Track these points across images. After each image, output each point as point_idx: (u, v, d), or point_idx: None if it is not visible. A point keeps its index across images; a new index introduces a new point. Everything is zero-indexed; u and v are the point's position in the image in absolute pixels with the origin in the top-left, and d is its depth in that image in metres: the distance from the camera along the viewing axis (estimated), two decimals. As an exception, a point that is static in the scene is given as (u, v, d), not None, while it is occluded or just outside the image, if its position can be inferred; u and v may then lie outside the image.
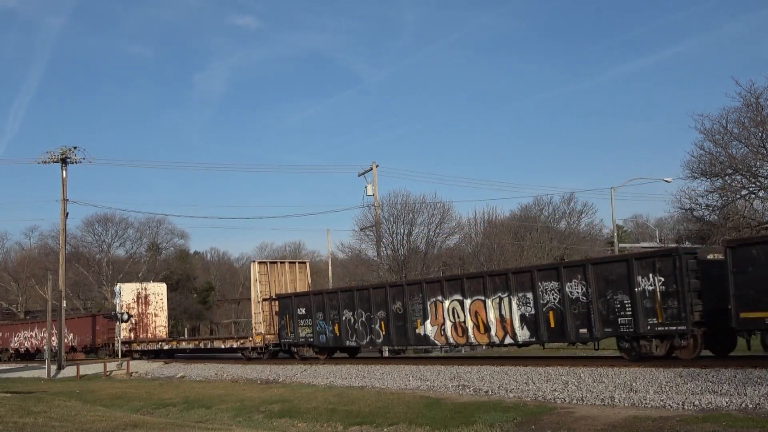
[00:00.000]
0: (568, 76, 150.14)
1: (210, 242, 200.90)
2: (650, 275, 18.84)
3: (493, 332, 22.69)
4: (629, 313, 19.17)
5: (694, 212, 36.56)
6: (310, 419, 16.64)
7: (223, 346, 35.54)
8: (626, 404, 14.22)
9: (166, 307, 42.53)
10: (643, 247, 58.44)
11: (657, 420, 12.25)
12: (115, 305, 40.09)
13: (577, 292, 20.48)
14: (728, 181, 34.22)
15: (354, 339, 27.84)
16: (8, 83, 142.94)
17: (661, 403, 13.79)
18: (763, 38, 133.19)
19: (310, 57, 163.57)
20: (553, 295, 21.14)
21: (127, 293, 41.44)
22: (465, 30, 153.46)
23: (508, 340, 22.46)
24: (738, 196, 34.37)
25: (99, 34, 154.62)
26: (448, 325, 24.12)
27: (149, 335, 41.78)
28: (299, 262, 36.79)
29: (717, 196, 34.78)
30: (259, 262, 34.76)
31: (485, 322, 22.91)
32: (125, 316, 39.49)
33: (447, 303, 24.20)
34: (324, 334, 29.05)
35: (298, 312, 30.24)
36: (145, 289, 43.20)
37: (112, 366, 35.67)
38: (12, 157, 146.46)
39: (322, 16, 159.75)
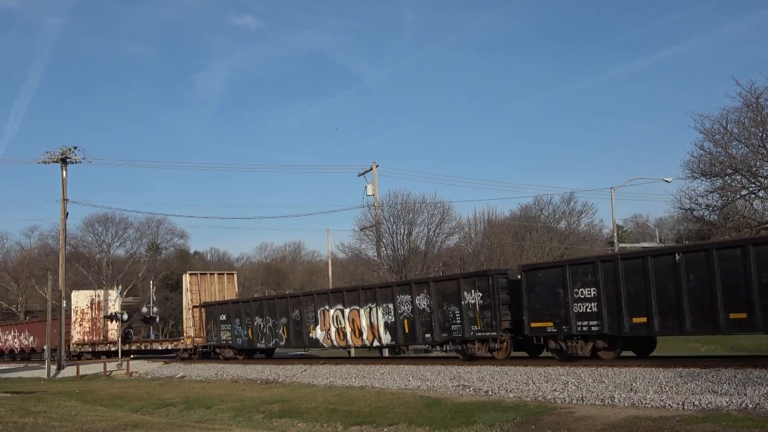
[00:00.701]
0: (568, 76, 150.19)
1: (210, 242, 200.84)
2: (473, 291, 23.09)
3: (365, 336, 26.81)
4: (459, 321, 23.34)
5: (694, 212, 36.57)
6: (310, 419, 16.64)
7: (160, 348, 39.93)
8: (626, 404, 14.22)
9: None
10: (642, 247, 58.45)
11: (657, 420, 12.25)
12: (68, 310, 42.68)
13: (424, 304, 24.62)
14: (728, 181, 34.21)
15: (263, 342, 31.92)
16: (8, 83, 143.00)
17: (661, 403, 13.79)
18: (763, 38, 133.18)
19: (310, 57, 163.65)
20: (407, 306, 25.26)
21: (81, 300, 43.99)
22: (465, 30, 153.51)
23: (375, 343, 26.71)
24: (738, 196, 34.37)
25: (99, 34, 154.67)
26: (333, 330, 28.25)
27: (102, 337, 44.14)
28: (227, 274, 40.79)
29: (717, 196, 34.78)
30: (190, 274, 38.69)
31: (359, 327, 27.04)
32: (125, 317, 39.61)
33: (332, 311, 28.31)
34: (240, 337, 33.07)
35: (221, 318, 34.21)
36: (99, 295, 45.42)
37: (112, 366, 35.68)
38: (12, 157, 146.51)
39: (322, 16, 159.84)
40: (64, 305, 41.46)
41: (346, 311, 27.76)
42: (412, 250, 45.25)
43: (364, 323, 26.86)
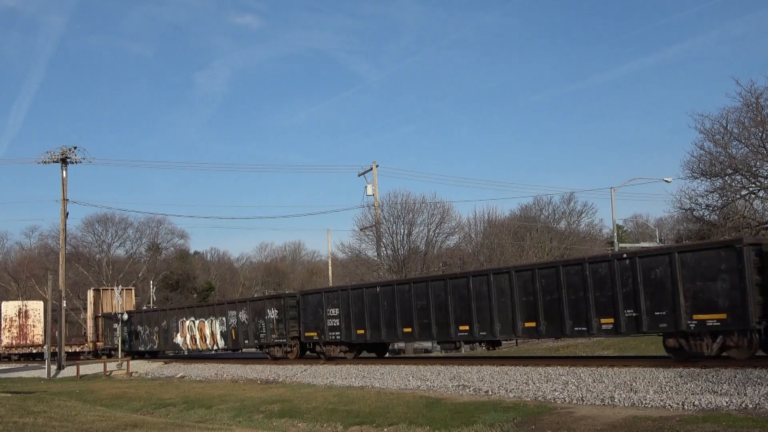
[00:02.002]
0: (568, 76, 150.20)
1: (210, 242, 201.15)
2: (272, 309, 30.64)
3: (208, 342, 34.80)
4: (264, 331, 31.18)
5: (694, 212, 36.56)
6: (310, 419, 16.64)
7: (69, 350, 45.43)
8: (626, 404, 14.22)
9: (42, 320, 50.29)
10: (642, 248, 58.47)
11: (657, 420, 12.25)
12: None
13: (244, 318, 32.52)
14: (728, 181, 34.19)
15: (143, 345, 40.09)
16: (9, 83, 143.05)
17: (661, 403, 13.79)
18: (763, 38, 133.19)
19: (311, 56, 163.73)
20: (233, 319, 33.20)
21: (10, 309, 49.67)
22: (466, 30, 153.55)
23: (215, 346, 34.50)
24: (738, 196, 34.35)
25: (100, 33, 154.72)
26: (188, 336, 36.25)
27: (28, 342, 49.99)
28: (126, 289, 48.17)
29: (717, 196, 34.77)
30: (94, 290, 47.97)
31: (205, 335, 35.14)
32: (125, 316, 39.68)
33: (187, 322, 36.47)
34: (128, 342, 40.74)
35: (114, 326, 41.91)
36: (26, 305, 50.87)
37: (112, 366, 35.70)
38: (12, 157, 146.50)
39: (323, 16, 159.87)
40: (64, 305, 41.47)
41: (197, 322, 35.99)
42: (412, 250, 45.24)
43: (207, 332, 34.99)
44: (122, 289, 44.49)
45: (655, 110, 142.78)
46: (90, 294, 47.24)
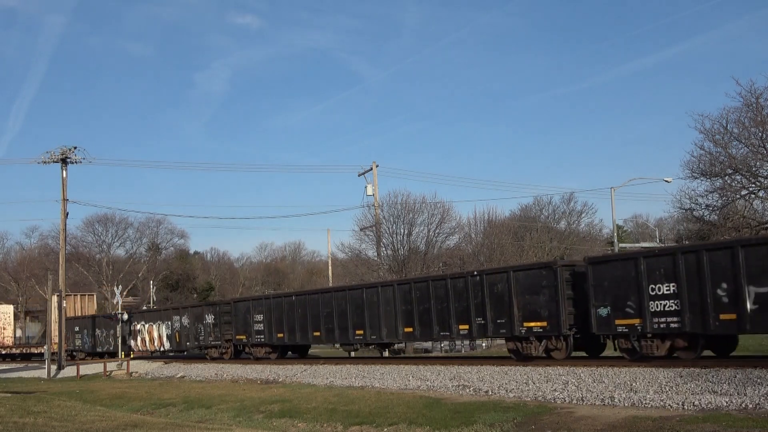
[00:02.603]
0: (568, 76, 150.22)
1: (210, 242, 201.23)
2: (210, 314, 34.62)
3: (156, 344, 38.54)
4: (203, 334, 34.94)
5: (694, 212, 36.54)
6: (310, 419, 16.63)
7: (36, 351, 49.65)
8: (626, 404, 14.22)
9: (12, 322, 55.12)
10: (642, 247, 58.42)
11: (657, 420, 12.24)
12: None
13: (186, 322, 36.18)
14: (728, 181, 34.17)
15: (100, 347, 43.65)
16: (9, 83, 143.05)
17: (661, 403, 13.78)
18: (763, 38, 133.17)
19: (311, 56, 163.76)
20: (178, 323, 36.80)
21: None
22: (466, 29, 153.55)
23: (162, 348, 38.39)
24: (738, 196, 34.33)
25: (100, 33, 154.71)
26: (140, 339, 40.03)
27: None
28: (88, 295, 54.00)
29: (717, 196, 34.74)
30: (57, 295, 49.69)
31: (153, 338, 38.84)
32: (125, 316, 39.68)
33: (138, 326, 40.22)
34: (87, 343, 44.96)
35: (75, 329, 46.46)
36: None
37: (112, 366, 35.70)
38: (12, 157, 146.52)
39: (324, 15, 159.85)
40: (64, 305, 41.46)
41: (146, 326, 39.67)
42: (412, 250, 45.23)
43: (155, 334, 38.59)
44: (86, 295, 51.25)
45: (654, 110, 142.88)
46: (53, 299, 50.29)
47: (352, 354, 32.65)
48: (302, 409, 17.75)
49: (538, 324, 21.04)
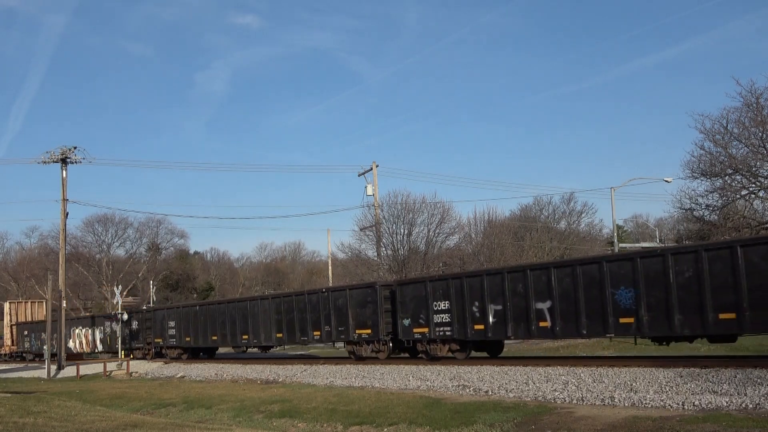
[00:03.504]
0: (568, 76, 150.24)
1: (210, 242, 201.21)
2: (135, 321, 40.49)
3: (91, 346, 43.94)
4: (129, 338, 40.49)
5: (694, 212, 36.53)
6: (310, 419, 16.63)
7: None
8: (626, 404, 14.22)
9: None
10: (642, 247, 58.40)
11: (657, 420, 12.24)
12: None
13: (116, 327, 40.80)
14: (728, 181, 34.15)
15: (45, 349, 47.11)
16: (9, 83, 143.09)
17: (661, 403, 13.78)
18: (763, 38, 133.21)
19: (312, 56, 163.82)
20: (109, 328, 42.00)
21: None
22: (467, 29, 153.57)
23: (96, 350, 43.70)
24: (738, 196, 34.31)
25: (100, 33, 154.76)
26: (77, 342, 45.36)
27: None
28: (38, 302, 57.03)
29: (717, 196, 34.73)
30: (10, 302, 56.68)
31: (89, 341, 44.40)
32: (125, 317, 39.69)
33: (77, 330, 45.62)
34: (34, 345, 49.07)
35: (24, 333, 51.54)
36: None
37: (112, 366, 35.70)
38: (12, 157, 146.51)
39: (324, 15, 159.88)
40: (64, 305, 41.46)
41: (83, 330, 45.11)
42: (412, 250, 45.20)
43: (90, 338, 44.34)
44: (36, 302, 55.70)
45: (655, 110, 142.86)
46: (6, 305, 56.00)
47: (246, 351, 37.07)
48: (302, 409, 17.75)
49: (366, 331, 26.77)
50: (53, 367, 37.26)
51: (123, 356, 38.05)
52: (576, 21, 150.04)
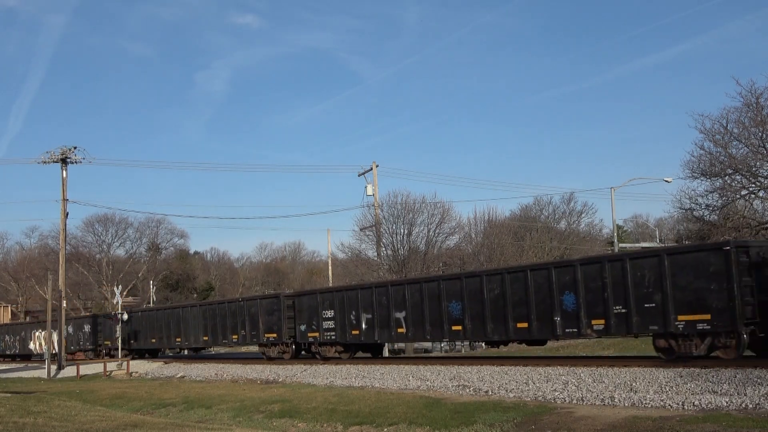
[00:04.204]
0: (568, 76, 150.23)
1: (210, 242, 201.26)
2: (87, 325, 44.22)
3: (48, 347, 42.56)
4: (82, 341, 44.60)
5: (694, 212, 36.47)
6: (310, 419, 16.63)
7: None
8: (626, 404, 14.22)
9: None
10: (642, 247, 58.42)
11: (657, 420, 12.24)
12: None
13: (72, 330, 45.30)
14: (728, 181, 34.11)
15: (9, 350, 51.57)
16: (10, 83, 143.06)
17: (661, 403, 13.78)
18: (763, 38, 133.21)
19: (312, 56, 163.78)
20: (66, 331, 42.65)
21: None
22: (467, 29, 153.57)
23: (54, 351, 41.64)
24: (738, 196, 34.27)
25: (100, 33, 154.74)
26: (37, 343, 47.27)
27: None
28: (3, 305, 61.56)
29: (717, 196, 34.67)
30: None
31: (47, 342, 43.78)
32: (125, 316, 39.67)
33: (37, 333, 47.44)
34: None
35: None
36: None
37: (112, 366, 35.70)
38: (12, 157, 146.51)
39: (324, 15, 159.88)
40: (64, 305, 41.47)
41: (43, 333, 46.28)
42: (412, 250, 45.18)
43: (47, 340, 46.06)
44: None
45: (655, 110, 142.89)
46: None
47: (186, 352, 41.67)
48: (302, 409, 17.75)
49: (273, 335, 31.01)
50: (53, 367, 37.25)
51: (121, 356, 38.00)
52: (576, 21, 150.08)
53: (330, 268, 65.75)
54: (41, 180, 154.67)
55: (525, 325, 21.43)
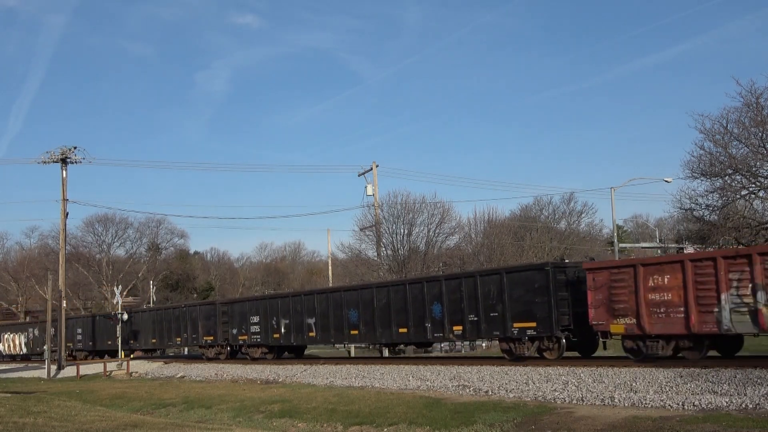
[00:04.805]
0: (569, 76, 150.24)
1: (210, 242, 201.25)
2: (52, 328, 41.32)
3: (17, 349, 49.86)
4: (42, 343, 43.19)
5: (694, 212, 36.42)
6: (310, 419, 16.63)
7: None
8: (626, 404, 14.21)
9: None
10: (642, 248, 58.42)
11: (657, 420, 12.24)
12: None
13: (37, 333, 47.41)
14: (728, 181, 34.07)
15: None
16: (10, 83, 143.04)
17: (661, 403, 13.78)
18: (764, 38, 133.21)
19: (312, 56, 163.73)
20: (32, 334, 48.37)
21: None
22: (467, 29, 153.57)
23: (22, 353, 50.03)
24: (738, 196, 34.22)
25: (100, 33, 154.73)
26: (7, 345, 51.22)
27: None
28: None
29: (717, 196, 34.61)
30: None
31: (15, 344, 50.78)
32: (125, 316, 39.68)
33: (5, 335, 51.77)
34: None
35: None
36: None
37: (112, 366, 35.69)
38: (12, 157, 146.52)
39: (324, 15, 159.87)
40: (64, 305, 41.46)
41: (11, 335, 51.39)
42: (412, 250, 45.18)
43: (16, 342, 50.72)
44: None
45: (655, 110, 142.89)
46: None
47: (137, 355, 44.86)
48: (302, 409, 17.75)
49: (210, 338, 35.10)
50: (53, 367, 37.24)
51: (123, 356, 38.01)
52: (576, 21, 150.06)
53: (330, 268, 65.72)
54: (41, 180, 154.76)
55: (405, 330, 25.26)
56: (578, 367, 18.79)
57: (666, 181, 45.88)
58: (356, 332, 27.40)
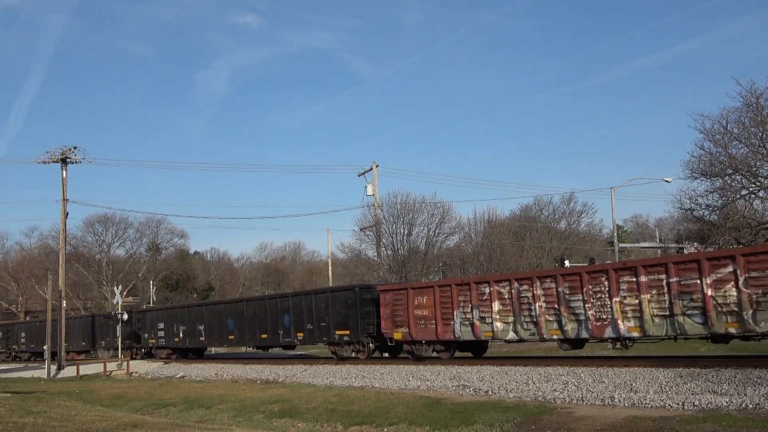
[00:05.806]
0: (569, 76, 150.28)
1: (210, 242, 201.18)
2: (23, 332, 51.58)
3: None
4: (7, 345, 53.84)
5: (694, 212, 36.45)
6: (310, 419, 16.63)
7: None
8: (626, 404, 14.22)
9: None
10: (642, 248, 58.40)
11: (657, 420, 12.24)
12: None
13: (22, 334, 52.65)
14: (728, 181, 34.08)
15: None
16: (10, 83, 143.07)
17: (661, 403, 13.78)
18: (764, 38, 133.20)
19: (312, 56, 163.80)
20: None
21: None
22: (467, 29, 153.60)
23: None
24: (738, 196, 34.24)
25: (100, 33, 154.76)
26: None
27: None
28: None
29: (717, 196, 34.64)
30: None
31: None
32: (125, 316, 39.68)
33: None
34: None
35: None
36: None
37: (112, 366, 35.68)
38: (12, 157, 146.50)
39: (325, 15, 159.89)
40: (64, 305, 41.45)
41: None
42: (412, 250, 45.18)
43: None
44: None
45: (655, 110, 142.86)
46: None
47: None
48: (302, 409, 17.75)
49: (128, 341, 40.39)
50: (53, 367, 37.24)
51: (123, 356, 38.01)
52: (576, 21, 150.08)
53: (330, 268, 65.76)
54: (41, 180, 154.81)
55: (266, 335, 31.20)
56: (578, 367, 18.79)
57: (666, 181, 45.92)
58: (233, 337, 33.61)
